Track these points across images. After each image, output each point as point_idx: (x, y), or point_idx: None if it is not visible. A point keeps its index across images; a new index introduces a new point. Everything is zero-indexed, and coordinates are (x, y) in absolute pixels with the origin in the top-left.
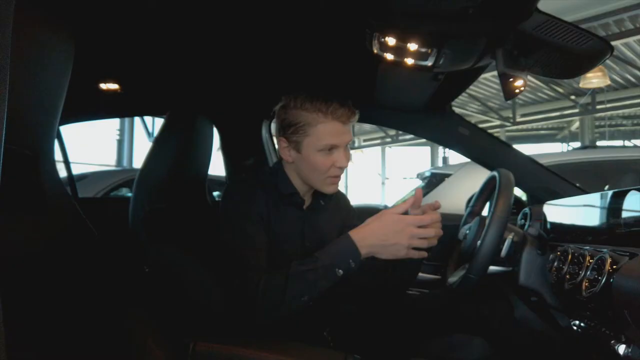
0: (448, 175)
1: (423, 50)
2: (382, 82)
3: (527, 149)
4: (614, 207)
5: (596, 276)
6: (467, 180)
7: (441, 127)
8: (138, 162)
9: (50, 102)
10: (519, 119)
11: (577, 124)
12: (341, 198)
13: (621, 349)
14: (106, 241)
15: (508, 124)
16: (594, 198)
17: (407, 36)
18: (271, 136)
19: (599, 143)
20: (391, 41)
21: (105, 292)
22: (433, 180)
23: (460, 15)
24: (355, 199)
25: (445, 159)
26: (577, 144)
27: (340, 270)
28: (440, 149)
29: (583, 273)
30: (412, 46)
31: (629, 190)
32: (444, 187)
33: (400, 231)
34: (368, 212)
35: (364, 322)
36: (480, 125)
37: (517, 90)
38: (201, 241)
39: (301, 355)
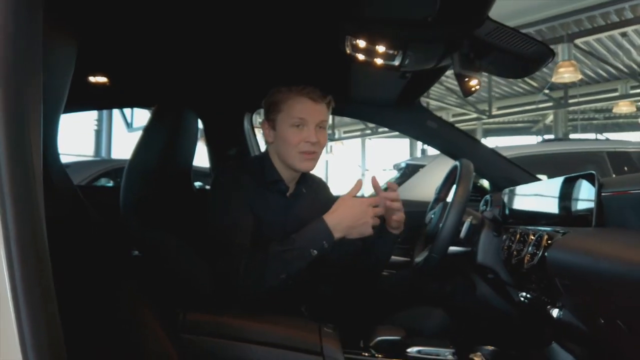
0: (422, 166)
1: (390, 52)
2: (355, 79)
3: (503, 141)
4: (560, 194)
5: (535, 251)
6: (439, 171)
7: (411, 121)
8: (116, 152)
9: (54, 98)
10: (495, 112)
11: (551, 117)
12: (322, 187)
13: (554, 312)
14: (104, 224)
15: (484, 116)
16: (545, 185)
17: (375, 39)
18: (252, 128)
19: (571, 135)
20: (362, 43)
21: (105, 269)
22: (408, 171)
23: (421, 23)
24: (336, 190)
25: (423, 151)
26: (552, 137)
27: (314, 251)
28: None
29: (526, 249)
30: (380, 48)
31: (571, 178)
32: (418, 177)
33: (364, 212)
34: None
35: (339, 299)
36: (458, 118)
37: (473, 89)
38: (189, 227)
39: (280, 323)
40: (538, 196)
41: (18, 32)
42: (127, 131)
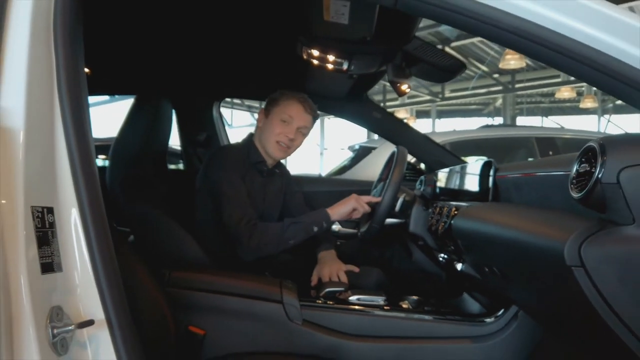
0: (374, 149)
1: (339, 60)
2: (310, 77)
3: (455, 122)
4: (471, 175)
5: (446, 220)
6: (388, 153)
7: (359, 112)
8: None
9: None
10: (448, 95)
11: (500, 101)
12: (284, 169)
13: (459, 266)
14: None
15: (438, 99)
16: (464, 168)
17: (326, 50)
18: (220, 116)
19: (518, 119)
20: (315, 53)
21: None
22: (361, 153)
23: (361, 40)
24: (295, 168)
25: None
26: (501, 119)
27: (315, 228)
28: None
29: (441, 219)
30: (330, 57)
31: (485, 162)
32: (370, 158)
33: (355, 206)
34: (306, 179)
35: (296, 265)
36: (413, 100)
37: (404, 91)
38: (169, 202)
39: (248, 279)
40: (458, 177)
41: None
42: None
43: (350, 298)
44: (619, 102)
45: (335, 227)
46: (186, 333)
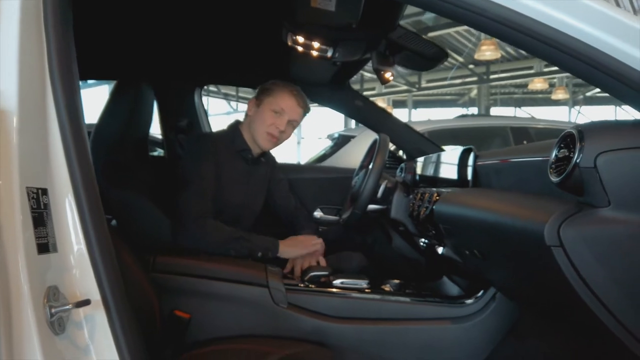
0: (353, 137)
1: (323, 47)
2: (294, 63)
3: (431, 112)
4: (452, 162)
5: (427, 205)
6: (367, 142)
7: (341, 99)
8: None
9: None
10: (424, 85)
11: (475, 91)
12: (270, 157)
13: (439, 250)
14: None
15: (414, 89)
16: (444, 156)
17: (311, 37)
18: (202, 101)
19: (492, 109)
20: (300, 39)
21: None
22: (340, 141)
23: (347, 27)
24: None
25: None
26: (475, 110)
27: (259, 253)
28: None
29: (423, 204)
30: (315, 44)
31: (464, 150)
32: (349, 147)
33: (306, 248)
34: (291, 167)
35: None
36: (390, 89)
37: (388, 79)
38: (151, 188)
39: (234, 263)
40: (439, 164)
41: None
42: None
43: (334, 282)
44: (589, 94)
45: (317, 213)
46: (171, 317)
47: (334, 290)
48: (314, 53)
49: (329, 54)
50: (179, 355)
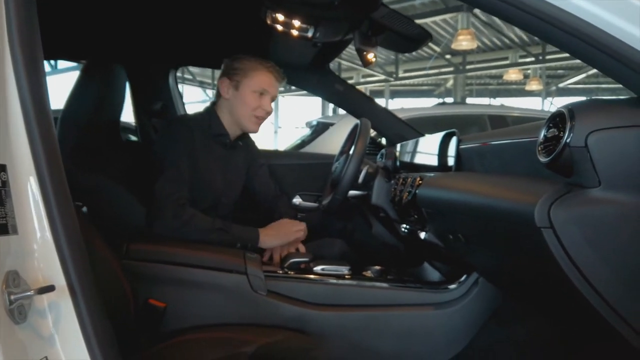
0: (332, 124)
1: (304, 26)
2: (273, 44)
3: (408, 102)
4: (433, 147)
5: (410, 189)
6: (346, 129)
7: (321, 83)
8: None
9: None
10: (401, 75)
11: (451, 82)
12: (250, 142)
13: (422, 234)
14: None
15: (392, 78)
16: (425, 141)
17: (291, 15)
18: (177, 84)
19: (468, 99)
20: (280, 17)
21: None
22: (319, 128)
23: (329, 5)
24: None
25: (335, 109)
26: (451, 100)
27: (239, 245)
28: None
29: (405, 189)
30: (296, 22)
31: (446, 134)
32: (328, 134)
33: (289, 234)
34: (271, 153)
35: None
36: (367, 79)
37: (370, 61)
38: (123, 174)
39: (212, 250)
40: (420, 149)
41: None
42: None
43: (315, 268)
44: (561, 85)
45: (296, 200)
46: (146, 306)
47: (315, 277)
48: (294, 32)
49: (310, 34)
50: (154, 345)
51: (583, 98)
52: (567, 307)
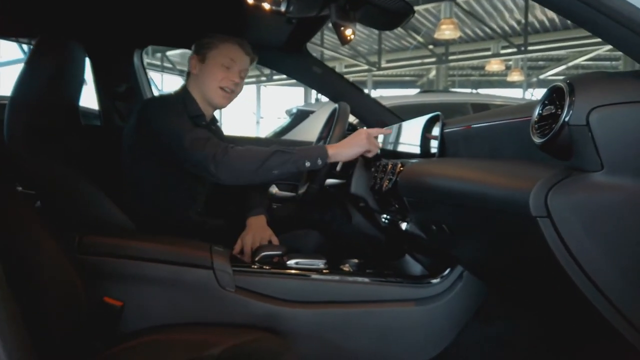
0: (312, 112)
1: None
2: (247, 21)
3: (390, 92)
4: (415, 132)
5: (391, 177)
6: (326, 116)
7: (298, 65)
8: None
9: None
10: (384, 65)
11: (433, 72)
12: (219, 128)
13: (403, 225)
14: None
15: (374, 68)
16: (406, 126)
17: None
18: (143, 65)
19: (450, 90)
20: None
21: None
22: (299, 116)
23: None
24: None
25: (318, 100)
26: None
27: (308, 163)
28: (313, 90)
29: (385, 177)
30: None
31: (430, 117)
32: (308, 122)
33: (362, 139)
34: (246, 140)
35: (230, 231)
36: (350, 69)
37: (348, 38)
38: (84, 160)
39: (174, 243)
40: (401, 135)
41: None
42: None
43: (288, 262)
44: (542, 76)
45: (272, 189)
46: (101, 305)
47: (288, 271)
48: (267, 6)
49: (283, 8)
50: (110, 348)
51: None
52: (560, 304)
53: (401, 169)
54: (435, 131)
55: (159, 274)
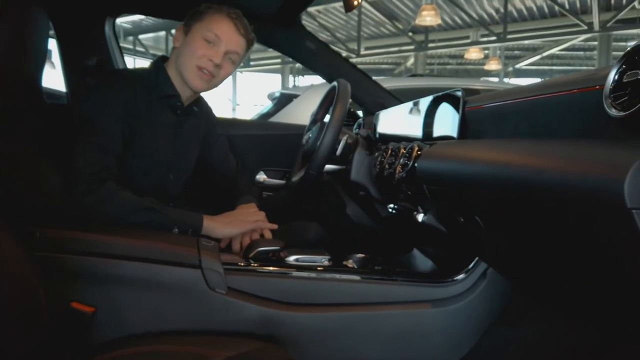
0: (296, 96)
1: None
2: None
3: None
4: (427, 113)
5: (406, 162)
6: (313, 100)
7: (290, 40)
8: None
9: None
10: (363, 52)
11: (412, 61)
12: (207, 108)
13: (419, 217)
14: None
15: (353, 55)
16: (413, 106)
17: None
18: (115, 35)
19: None
20: None
21: None
22: (282, 100)
23: None
24: None
25: (295, 87)
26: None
27: (176, 230)
28: (291, 76)
29: (397, 161)
30: None
31: (438, 98)
32: (292, 106)
33: (250, 215)
34: (232, 122)
35: None
36: None
37: (355, 2)
38: (45, 140)
39: (155, 238)
40: (407, 117)
41: None
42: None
43: (287, 259)
44: (517, 66)
45: (260, 176)
46: (68, 311)
47: (287, 269)
48: None
49: None
50: None
51: (538, 80)
52: (614, 309)
53: (418, 153)
54: (454, 111)
55: (137, 274)
